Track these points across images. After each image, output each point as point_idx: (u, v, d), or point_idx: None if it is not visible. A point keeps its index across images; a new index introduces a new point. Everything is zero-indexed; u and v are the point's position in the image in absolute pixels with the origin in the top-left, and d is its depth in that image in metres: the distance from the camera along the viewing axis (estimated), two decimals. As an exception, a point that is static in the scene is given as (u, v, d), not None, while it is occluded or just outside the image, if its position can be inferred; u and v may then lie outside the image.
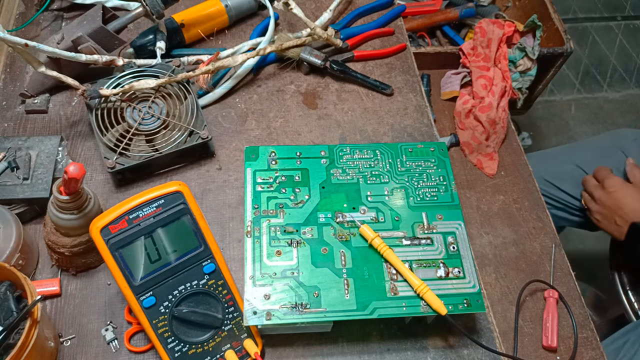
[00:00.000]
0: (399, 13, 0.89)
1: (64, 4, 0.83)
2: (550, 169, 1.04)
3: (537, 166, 0.99)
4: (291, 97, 0.78)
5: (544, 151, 1.12)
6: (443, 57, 0.96)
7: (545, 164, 1.06)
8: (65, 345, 0.57)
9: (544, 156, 1.10)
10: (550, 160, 1.07)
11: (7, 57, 0.79)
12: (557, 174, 1.03)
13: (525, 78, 0.96)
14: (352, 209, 0.60)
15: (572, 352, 0.68)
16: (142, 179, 0.69)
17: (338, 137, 0.75)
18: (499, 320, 0.70)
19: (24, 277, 0.51)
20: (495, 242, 0.78)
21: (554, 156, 1.08)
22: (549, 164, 1.06)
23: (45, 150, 0.66)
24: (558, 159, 1.06)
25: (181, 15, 0.79)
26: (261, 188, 0.61)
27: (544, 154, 1.11)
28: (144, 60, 0.75)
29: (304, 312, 0.53)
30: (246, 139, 0.74)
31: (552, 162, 1.06)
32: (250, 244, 0.57)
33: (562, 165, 1.04)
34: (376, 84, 0.79)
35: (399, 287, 0.56)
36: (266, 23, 0.82)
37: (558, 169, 1.03)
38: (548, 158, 1.08)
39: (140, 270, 0.51)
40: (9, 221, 0.58)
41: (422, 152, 0.66)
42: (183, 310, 0.53)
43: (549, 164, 1.06)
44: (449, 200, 0.62)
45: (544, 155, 1.10)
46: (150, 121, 0.67)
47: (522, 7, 1.13)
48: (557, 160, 1.06)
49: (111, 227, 0.50)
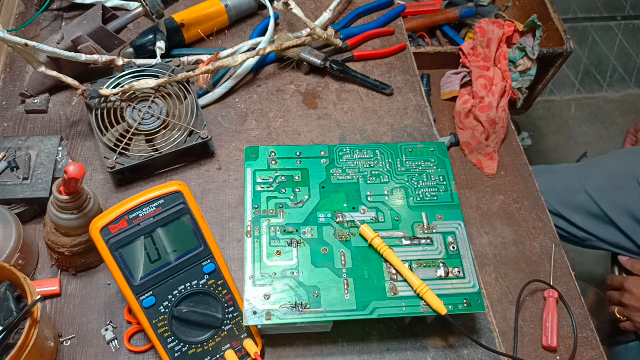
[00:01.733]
0: (399, 13, 0.89)
1: (64, 4, 0.83)
2: (559, 195, 0.98)
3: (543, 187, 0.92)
4: (291, 97, 0.78)
5: (551, 167, 1.05)
6: (443, 57, 0.96)
7: (554, 187, 0.99)
8: (65, 345, 0.57)
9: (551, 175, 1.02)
10: (559, 183, 1.00)
11: (7, 57, 0.79)
12: (567, 203, 0.97)
13: (525, 78, 0.96)
14: (352, 209, 0.60)
15: (572, 352, 0.68)
16: (142, 179, 0.69)
17: (338, 137, 0.75)
18: (499, 320, 0.70)
19: (24, 277, 0.51)
20: (495, 242, 0.78)
21: (563, 178, 1.00)
22: (558, 187, 0.99)
23: (45, 150, 0.66)
24: (568, 184, 0.99)
25: (181, 15, 0.79)
26: (261, 188, 0.61)
27: (551, 171, 1.03)
28: (144, 60, 0.75)
29: (304, 312, 0.53)
30: (246, 139, 0.74)
31: (560, 185, 0.99)
32: (250, 244, 0.57)
33: (572, 194, 0.97)
34: (376, 84, 0.79)
35: (399, 287, 0.56)
36: (266, 23, 0.82)
37: (568, 198, 0.97)
38: (557, 180, 1.00)
39: (140, 270, 0.51)
40: (9, 221, 0.58)
41: (422, 152, 0.66)
42: (183, 310, 0.53)
43: (557, 187, 0.99)
44: (449, 200, 0.62)
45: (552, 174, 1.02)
46: (150, 121, 0.67)
47: (522, 7, 1.13)
48: (566, 185, 0.99)
49: (111, 227, 0.50)
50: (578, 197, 0.96)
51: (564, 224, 0.98)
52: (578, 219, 0.96)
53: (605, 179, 0.95)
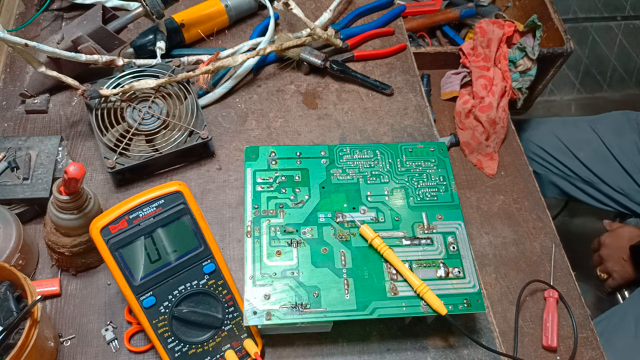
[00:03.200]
0: (399, 13, 0.89)
1: (64, 4, 0.83)
2: (569, 134, 1.09)
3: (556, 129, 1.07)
4: (291, 97, 0.78)
5: (564, 118, 1.18)
6: (443, 57, 0.96)
7: (565, 129, 1.11)
8: (65, 345, 0.57)
9: (564, 122, 1.14)
10: (570, 127, 1.12)
11: (7, 57, 0.79)
12: (575, 140, 1.08)
13: (525, 78, 0.96)
14: (352, 209, 0.60)
15: (572, 352, 0.68)
16: (142, 179, 0.69)
17: (338, 137, 0.75)
18: (499, 320, 0.70)
19: (24, 277, 0.51)
20: (495, 242, 0.78)
21: (574, 124, 1.13)
22: (569, 129, 1.11)
23: (45, 150, 0.66)
24: (579, 126, 1.11)
25: (181, 15, 0.79)
26: (261, 188, 0.61)
27: (564, 120, 1.16)
28: (144, 60, 0.75)
29: (304, 312, 0.53)
30: (246, 139, 0.74)
31: (571, 128, 1.11)
32: (250, 244, 0.57)
33: (581, 133, 1.09)
34: (376, 84, 0.79)
35: (399, 287, 0.56)
36: (266, 23, 0.82)
37: (577, 136, 1.09)
38: (568, 124, 1.13)
39: (140, 270, 0.51)
40: (9, 221, 0.58)
41: (422, 152, 0.66)
42: (183, 310, 0.53)
43: (568, 129, 1.11)
44: (449, 200, 0.62)
45: (564, 122, 1.15)
46: (150, 121, 0.67)
47: (522, 7, 1.13)
48: (577, 128, 1.11)
49: (111, 227, 0.50)
50: (586, 134, 1.09)
51: (570, 161, 1.08)
52: (583, 156, 1.07)
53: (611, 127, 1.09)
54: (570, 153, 1.08)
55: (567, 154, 1.08)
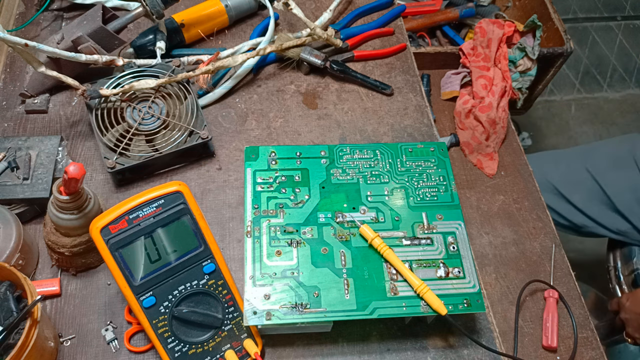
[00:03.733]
0: (399, 13, 0.89)
1: (64, 4, 0.83)
2: (560, 174, 0.99)
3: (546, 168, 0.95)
4: (291, 97, 0.78)
5: (555, 152, 1.07)
6: (443, 57, 0.96)
7: (556, 167, 1.00)
8: (65, 345, 0.57)
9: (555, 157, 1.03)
10: (561, 163, 1.01)
11: (7, 57, 0.79)
12: (568, 181, 0.98)
13: (525, 78, 0.96)
14: (352, 209, 0.60)
15: (572, 352, 0.68)
16: (142, 179, 0.69)
17: (338, 137, 0.75)
18: (499, 320, 0.70)
19: (24, 277, 0.51)
20: (495, 242, 0.78)
21: (565, 159, 1.02)
22: (560, 167, 1.00)
23: (45, 150, 0.66)
24: (571, 165, 1.00)
25: (181, 15, 0.79)
26: (261, 188, 0.61)
27: (555, 155, 1.05)
28: (144, 60, 0.75)
29: (304, 312, 0.53)
30: (246, 139, 0.74)
31: (563, 166, 1.00)
32: (250, 244, 0.57)
33: (574, 173, 0.98)
34: (376, 84, 0.79)
35: (399, 287, 0.56)
36: (266, 23, 0.82)
37: (570, 176, 0.98)
38: (560, 160, 1.02)
39: (140, 270, 0.51)
40: (9, 221, 0.58)
41: (422, 152, 0.66)
42: (183, 310, 0.53)
43: (560, 167, 1.00)
44: (449, 200, 0.62)
45: (555, 157, 1.04)
46: (150, 121, 0.67)
47: (522, 7, 1.13)
48: (569, 166, 1.00)
49: (111, 227, 0.50)
50: (579, 175, 0.98)
51: (563, 207, 0.99)
52: (577, 199, 0.97)
53: (607, 161, 0.97)
54: (564, 198, 0.98)
55: (560, 198, 0.98)
